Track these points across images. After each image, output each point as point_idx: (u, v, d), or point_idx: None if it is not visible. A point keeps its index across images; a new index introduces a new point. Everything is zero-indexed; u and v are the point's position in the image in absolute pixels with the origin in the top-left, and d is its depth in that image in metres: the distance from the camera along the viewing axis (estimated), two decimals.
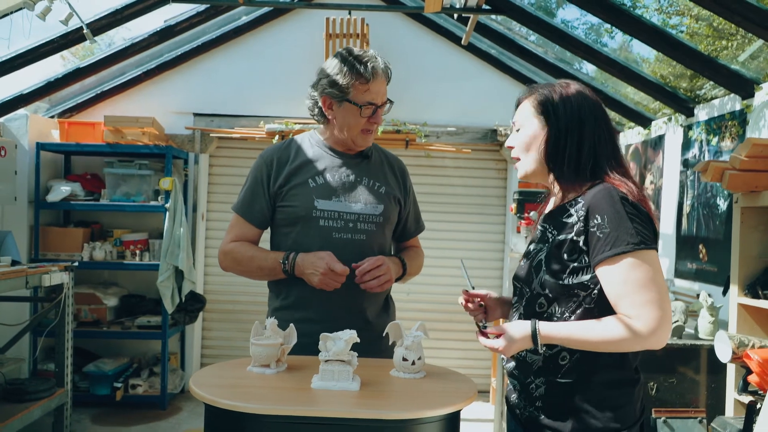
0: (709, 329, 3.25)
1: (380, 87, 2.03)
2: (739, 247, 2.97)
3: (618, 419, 1.51)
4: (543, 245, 1.59)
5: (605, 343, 1.46)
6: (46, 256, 4.77)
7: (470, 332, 5.43)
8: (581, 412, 1.51)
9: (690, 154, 4.13)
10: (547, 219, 1.63)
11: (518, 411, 1.65)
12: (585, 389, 1.52)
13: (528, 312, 1.60)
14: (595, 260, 1.47)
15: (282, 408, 1.51)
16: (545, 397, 1.56)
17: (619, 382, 1.53)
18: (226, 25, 5.23)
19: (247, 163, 5.41)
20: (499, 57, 5.24)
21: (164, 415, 4.72)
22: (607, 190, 1.50)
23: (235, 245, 2.12)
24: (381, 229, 2.09)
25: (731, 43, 3.92)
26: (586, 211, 1.50)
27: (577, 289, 1.51)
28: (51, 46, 4.17)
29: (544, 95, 1.62)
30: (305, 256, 1.98)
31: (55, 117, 5.17)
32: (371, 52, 2.04)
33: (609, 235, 1.45)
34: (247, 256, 2.09)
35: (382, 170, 2.16)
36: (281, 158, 2.10)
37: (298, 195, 2.05)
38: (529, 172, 1.65)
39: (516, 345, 1.52)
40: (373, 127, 2.06)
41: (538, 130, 1.61)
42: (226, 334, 5.53)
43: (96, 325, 4.83)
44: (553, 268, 1.53)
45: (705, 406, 3.20)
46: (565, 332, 1.48)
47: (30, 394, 3.76)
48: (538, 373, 1.57)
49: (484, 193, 5.47)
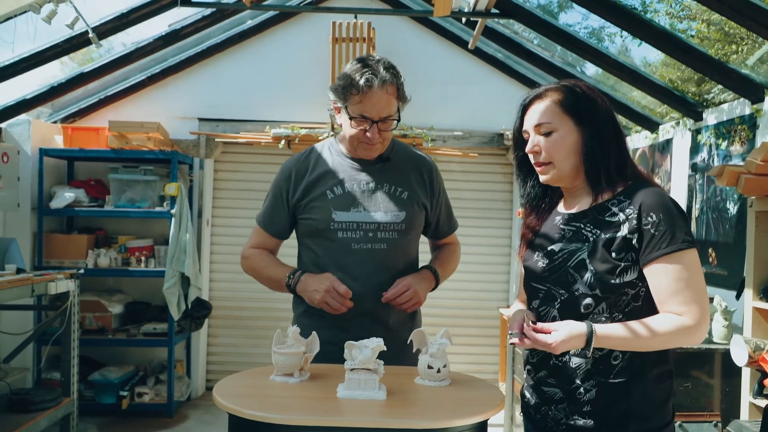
0: (723, 333, 3.24)
1: (376, 101, 1.91)
2: (754, 251, 2.96)
3: (664, 415, 1.53)
4: (581, 245, 1.54)
5: (659, 341, 1.46)
6: (50, 264, 4.73)
7: (477, 337, 5.42)
8: (635, 412, 1.50)
9: (699, 158, 4.12)
10: (579, 218, 1.59)
11: (551, 423, 1.59)
12: (637, 387, 1.51)
13: (567, 314, 1.54)
14: (650, 257, 1.47)
15: (310, 418, 1.48)
16: (596, 401, 1.52)
17: (664, 376, 1.55)
18: (232, 29, 5.21)
19: (252, 167, 5.39)
20: (505, 61, 5.23)
21: (171, 423, 4.68)
22: (658, 189, 1.53)
23: (255, 252, 2.15)
24: (404, 236, 2.04)
25: (741, 47, 3.91)
26: (638, 209, 1.49)
27: (626, 288, 1.50)
28: (55, 50, 4.15)
29: (570, 95, 1.59)
30: (309, 276, 2.00)
31: (58, 122, 5.14)
32: (381, 65, 1.93)
33: (665, 233, 1.46)
34: (262, 266, 2.14)
35: (405, 173, 2.08)
36: (299, 171, 2.08)
37: (316, 208, 2.02)
38: (563, 177, 1.60)
39: (569, 343, 1.46)
40: (371, 141, 1.96)
41: (571, 130, 1.57)
42: (232, 340, 5.50)
43: (101, 332, 4.79)
44: (601, 267, 1.50)
45: (720, 410, 3.19)
46: (620, 333, 1.46)
47: (36, 404, 3.71)
48: (587, 376, 1.52)
49: (491, 197, 5.46)
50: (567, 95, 1.59)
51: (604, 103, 1.60)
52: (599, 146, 1.56)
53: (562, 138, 1.57)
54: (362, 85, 1.88)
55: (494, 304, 5.32)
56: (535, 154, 1.61)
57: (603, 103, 1.60)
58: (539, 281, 1.63)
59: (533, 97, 1.63)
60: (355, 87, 1.90)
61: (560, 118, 1.58)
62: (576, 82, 1.63)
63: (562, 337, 1.45)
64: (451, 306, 5.29)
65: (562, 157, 1.58)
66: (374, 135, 1.95)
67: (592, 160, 1.56)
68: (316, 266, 2.05)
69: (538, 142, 1.60)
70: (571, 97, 1.58)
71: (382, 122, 1.95)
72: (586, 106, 1.58)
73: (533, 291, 1.66)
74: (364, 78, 1.88)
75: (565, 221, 1.62)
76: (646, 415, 1.51)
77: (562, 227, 1.62)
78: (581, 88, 1.60)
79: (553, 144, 1.58)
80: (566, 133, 1.57)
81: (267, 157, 5.33)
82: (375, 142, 1.97)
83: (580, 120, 1.57)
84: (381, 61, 1.95)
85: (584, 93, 1.60)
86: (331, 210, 2.00)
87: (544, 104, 1.60)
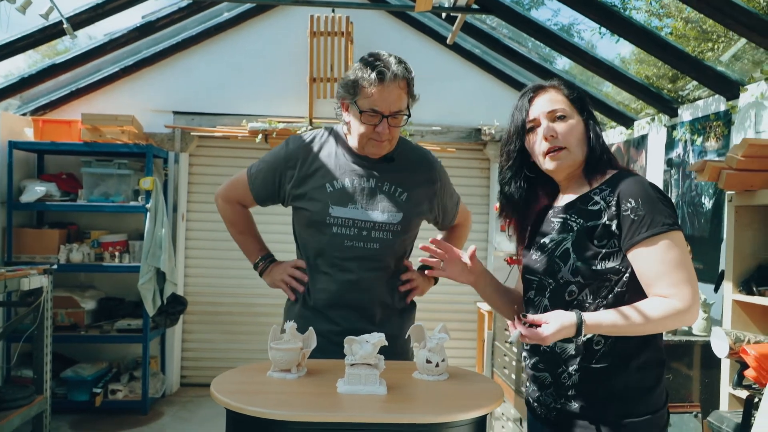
0: (702, 325, 3.30)
1: (388, 95, 1.89)
2: (734, 245, 3.02)
3: (652, 401, 1.54)
4: (566, 234, 1.58)
5: (649, 325, 1.46)
6: (20, 259, 4.62)
7: (454, 331, 5.44)
8: (617, 396, 1.52)
9: (674, 153, 4.19)
10: (566, 210, 1.63)
11: (544, 409, 1.63)
12: (620, 372, 1.52)
13: (556, 302, 1.58)
14: (631, 242, 1.49)
15: (313, 413, 1.46)
16: (579, 385, 1.55)
17: (651, 363, 1.55)
18: (208, 22, 5.14)
19: (228, 161, 5.32)
20: (483, 57, 5.25)
21: (146, 420, 4.61)
22: (635, 176, 1.57)
23: (239, 209, 2.18)
24: (398, 237, 2.02)
25: (717, 45, 3.99)
26: (617, 196, 1.52)
27: (609, 274, 1.52)
28: (28, 40, 4.04)
29: (570, 89, 1.66)
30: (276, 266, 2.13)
31: (28, 114, 5.00)
32: (393, 59, 1.92)
33: (644, 217, 1.48)
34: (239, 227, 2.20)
35: (407, 172, 2.05)
36: (305, 156, 2.04)
37: (314, 200, 2.00)
38: (574, 163, 1.63)
39: (560, 334, 1.47)
40: (380, 137, 1.93)
41: (579, 120, 1.63)
42: (207, 336, 5.44)
43: (73, 329, 4.70)
44: (583, 254, 1.53)
45: (699, 401, 3.25)
46: (610, 320, 1.47)
47: (8, 402, 3.64)
48: (570, 360, 1.56)
49: (468, 192, 5.48)
50: (568, 88, 1.66)
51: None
52: (595, 136, 1.63)
53: (576, 124, 1.63)
54: (374, 78, 1.86)
55: (471, 298, 5.34)
56: (552, 138, 1.62)
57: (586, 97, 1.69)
58: (532, 273, 1.67)
59: (537, 89, 1.67)
60: (367, 80, 1.87)
61: (570, 107, 1.63)
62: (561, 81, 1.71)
63: (552, 330, 1.46)
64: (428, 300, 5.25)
65: (576, 142, 1.61)
66: (384, 130, 1.92)
67: (595, 150, 1.62)
68: (309, 256, 2.05)
69: (553, 127, 1.62)
70: (573, 90, 1.66)
71: (392, 117, 1.92)
72: (584, 100, 1.66)
73: (528, 283, 1.69)
74: (376, 71, 1.86)
75: (555, 214, 1.66)
76: (629, 401, 1.53)
77: (552, 219, 1.66)
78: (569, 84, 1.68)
79: (570, 129, 1.61)
80: (577, 122, 1.63)
81: (243, 152, 5.27)
82: (384, 138, 1.93)
83: (582, 111, 1.64)
84: (392, 56, 1.94)
85: (577, 88, 1.68)
86: (329, 204, 1.98)
87: (551, 95, 1.65)
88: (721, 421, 2.84)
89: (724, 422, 2.82)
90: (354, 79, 1.91)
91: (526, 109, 1.65)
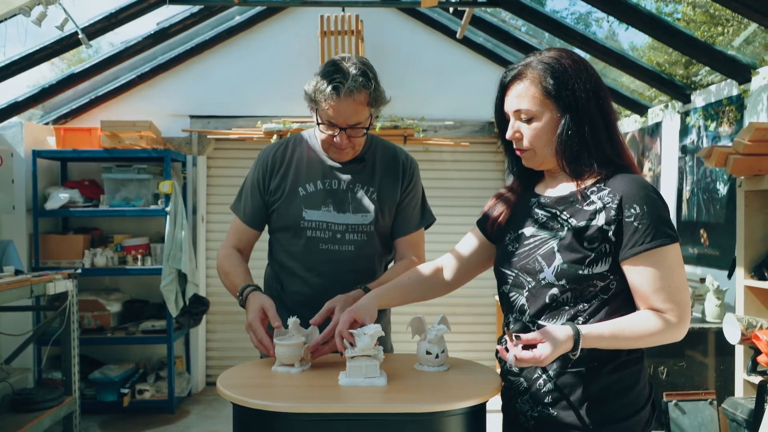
0: (716, 312, 3.29)
1: (344, 109, 1.86)
2: (744, 230, 3.00)
3: (633, 400, 1.47)
4: (554, 233, 1.48)
5: (645, 339, 1.41)
6: (47, 264, 4.74)
7: (472, 324, 5.47)
8: (594, 399, 1.45)
9: (688, 140, 4.16)
10: (557, 204, 1.51)
11: (521, 417, 1.55)
12: (596, 376, 1.45)
13: (534, 303, 1.49)
14: (631, 251, 1.40)
15: (315, 405, 1.51)
16: (555, 391, 1.47)
17: (626, 363, 1.47)
18: (220, 26, 5.22)
19: (245, 163, 5.40)
20: (493, 49, 5.26)
21: (173, 419, 4.71)
22: (640, 179, 1.46)
23: (226, 256, 2.10)
24: (371, 238, 2.02)
25: (727, 29, 3.95)
26: (619, 199, 1.42)
27: (595, 280, 1.43)
28: (45, 52, 4.14)
29: (551, 77, 1.46)
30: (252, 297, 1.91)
31: (50, 124, 5.14)
32: (353, 68, 1.86)
33: (648, 226, 1.40)
34: (225, 271, 2.08)
35: (379, 172, 2.06)
36: (275, 161, 2.06)
37: (288, 204, 2.02)
38: (546, 162, 1.53)
39: (558, 351, 1.37)
40: (339, 146, 1.93)
41: (553, 117, 1.48)
42: (230, 335, 5.53)
43: (100, 331, 4.81)
44: (570, 257, 1.43)
45: (714, 388, 3.24)
46: (608, 332, 1.40)
47: (39, 403, 3.74)
48: (546, 366, 1.47)
49: (483, 186, 5.49)
50: (548, 77, 1.46)
51: (590, 79, 1.48)
52: (584, 131, 1.46)
53: (543, 125, 1.49)
54: (329, 93, 1.84)
55: (489, 291, 5.34)
56: (516, 141, 1.54)
57: (589, 79, 1.48)
58: (508, 266, 1.57)
59: (513, 77, 1.52)
60: (322, 94, 1.85)
61: (541, 104, 1.48)
62: (560, 55, 1.50)
63: (548, 351, 1.36)
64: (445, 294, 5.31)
65: (543, 144, 1.50)
66: (342, 141, 1.92)
67: (570, 148, 1.47)
68: (283, 259, 2.08)
69: (519, 128, 1.52)
70: (552, 80, 1.46)
71: (350, 128, 1.91)
72: (569, 89, 1.46)
73: (502, 276, 1.60)
74: (331, 86, 1.84)
75: (541, 205, 1.55)
76: (608, 402, 1.45)
77: (536, 211, 1.55)
78: (564, 65, 1.47)
79: (534, 132, 1.50)
80: (548, 120, 1.48)
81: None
82: (344, 147, 1.94)
83: (561, 105, 1.46)
84: (355, 64, 1.89)
85: (567, 71, 1.47)
86: (302, 208, 2.00)
87: (524, 86, 1.49)
88: (735, 407, 2.83)
89: (738, 409, 2.81)
90: (311, 90, 1.90)
91: (500, 100, 1.57)
